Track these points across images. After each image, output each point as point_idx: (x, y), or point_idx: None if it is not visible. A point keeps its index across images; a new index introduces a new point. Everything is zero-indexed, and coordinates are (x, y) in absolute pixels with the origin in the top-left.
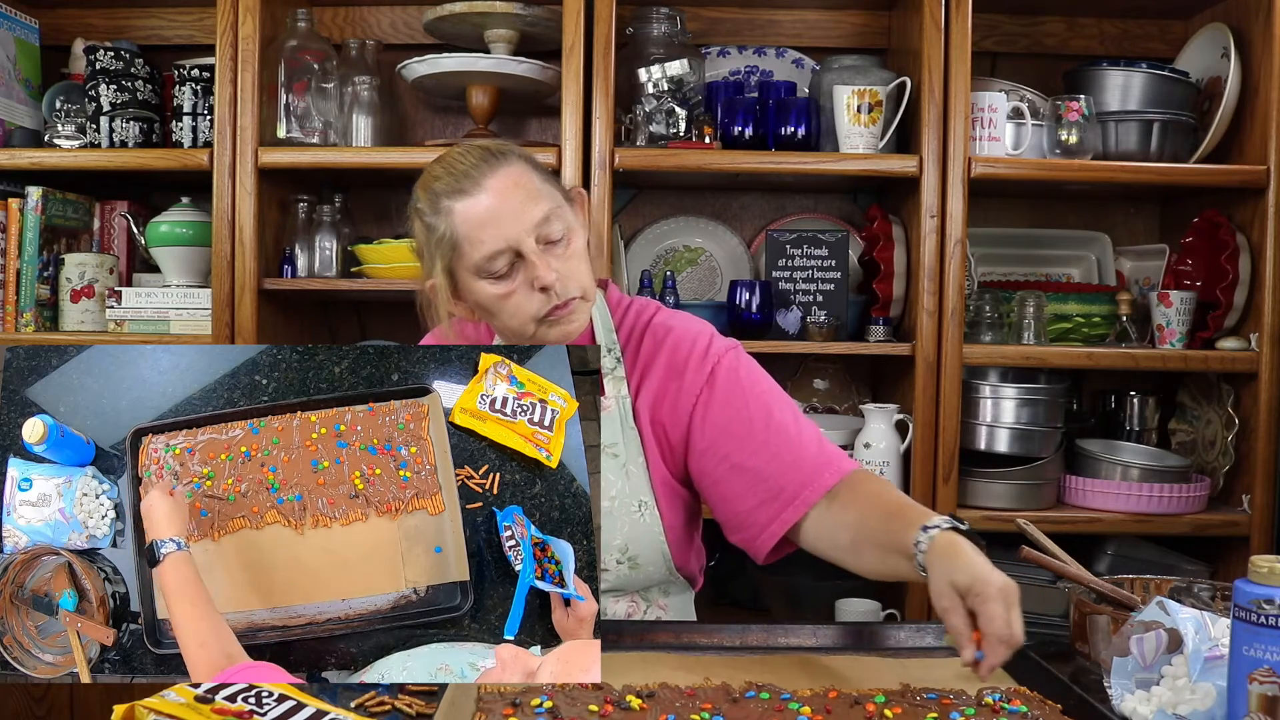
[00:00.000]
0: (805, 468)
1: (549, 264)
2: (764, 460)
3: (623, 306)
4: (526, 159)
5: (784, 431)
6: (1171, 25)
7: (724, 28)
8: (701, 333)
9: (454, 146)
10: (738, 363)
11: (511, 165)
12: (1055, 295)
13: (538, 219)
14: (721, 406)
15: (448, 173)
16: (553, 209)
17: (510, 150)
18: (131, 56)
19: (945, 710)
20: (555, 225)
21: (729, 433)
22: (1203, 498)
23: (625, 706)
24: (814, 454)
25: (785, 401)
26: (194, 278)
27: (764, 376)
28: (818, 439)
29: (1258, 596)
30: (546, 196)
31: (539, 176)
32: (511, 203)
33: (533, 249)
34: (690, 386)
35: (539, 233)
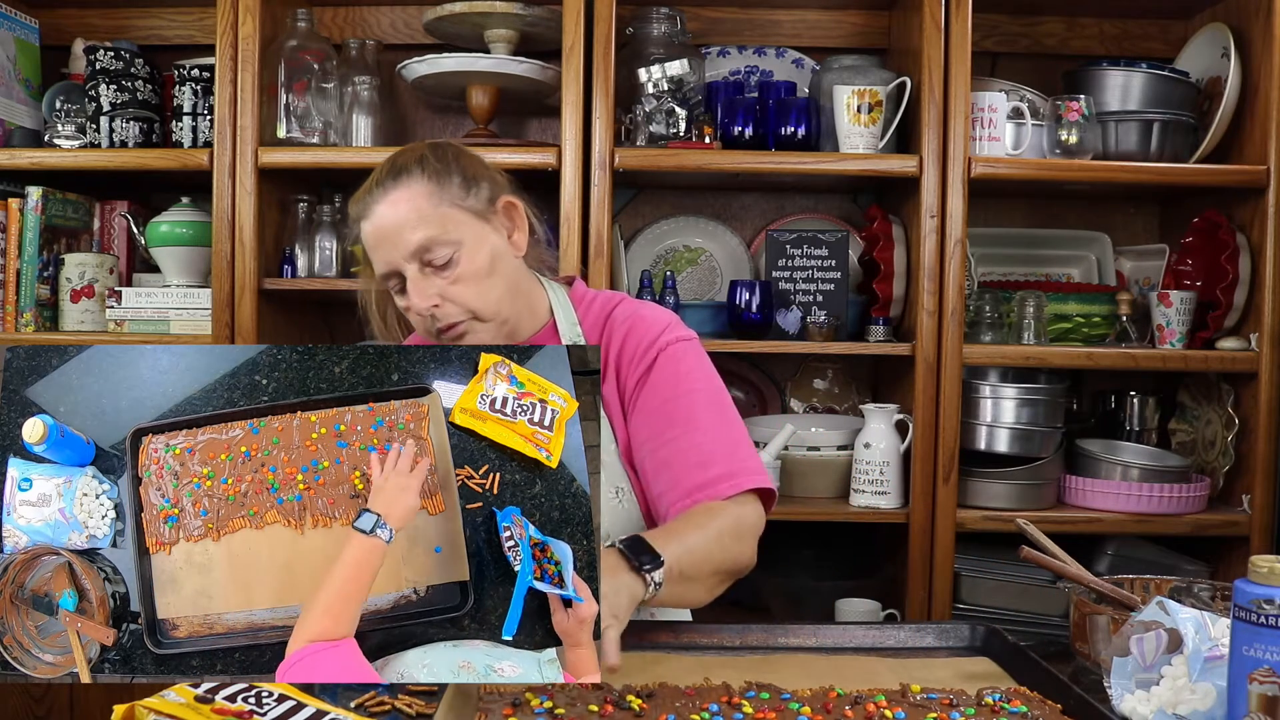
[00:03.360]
0: (710, 471)
1: (425, 289)
2: (673, 453)
3: (586, 300)
4: (432, 174)
5: (700, 431)
6: (1171, 25)
7: (724, 28)
8: (657, 321)
9: (397, 150)
10: (682, 355)
11: (404, 188)
12: (1055, 295)
13: (416, 245)
14: (651, 394)
15: (364, 189)
16: (438, 234)
17: (412, 167)
18: (131, 56)
19: (945, 710)
20: (439, 251)
21: (651, 420)
22: (1203, 498)
23: (625, 706)
24: (723, 460)
25: (716, 403)
26: (194, 278)
27: (706, 375)
28: (734, 448)
29: (1258, 596)
30: (435, 221)
31: (437, 195)
32: (393, 228)
33: (414, 274)
34: (635, 371)
35: (421, 258)
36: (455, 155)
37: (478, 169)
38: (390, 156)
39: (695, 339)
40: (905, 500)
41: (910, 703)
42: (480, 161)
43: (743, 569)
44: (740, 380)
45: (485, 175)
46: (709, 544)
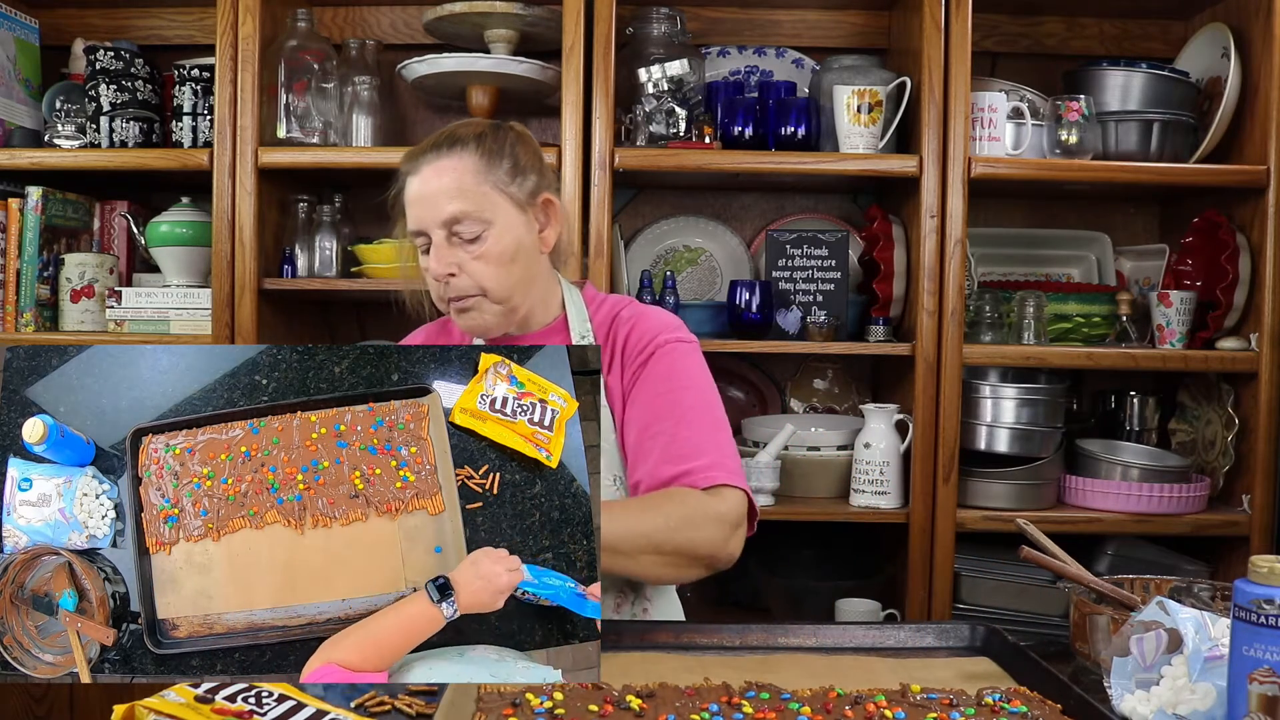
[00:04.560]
0: (685, 464)
1: (446, 257)
2: (655, 445)
3: (596, 301)
4: (485, 153)
5: (686, 426)
6: (1171, 25)
7: (724, 28)
8: (661, 320)
9: (458, 121)
10: (680, 354)
11: (456, 158)
12: (1055, 295)
13: (448, 215)
14: (644, 386)
15: (419, 148)
16: (473, 210)
17: (469, 140)
18: (131, 56)
19: (945, 710)
20: (468, 225)
21: (641, 412)
22: (1203, 498)
23: (625, 706)
24: (701, 456)
25: (706, 403)
26: (194, 278)
27: (701, 377)
28: (715, 448)
29: (1258, 596)
30: (473, 197)
31: (484, 174)
32: (433, 193)
33: (439, 240)
34: (634, 363)
35: (450, 228)
36: (514, 141)
37: (531, 160)
38: (454, 124)
39: (695, 343)
40: (905, 500)
41: (910, 703)
42: (537, 154)
43: (704, 555)
44: (740, 380)
45: (536, 168)
46: (650, 522)
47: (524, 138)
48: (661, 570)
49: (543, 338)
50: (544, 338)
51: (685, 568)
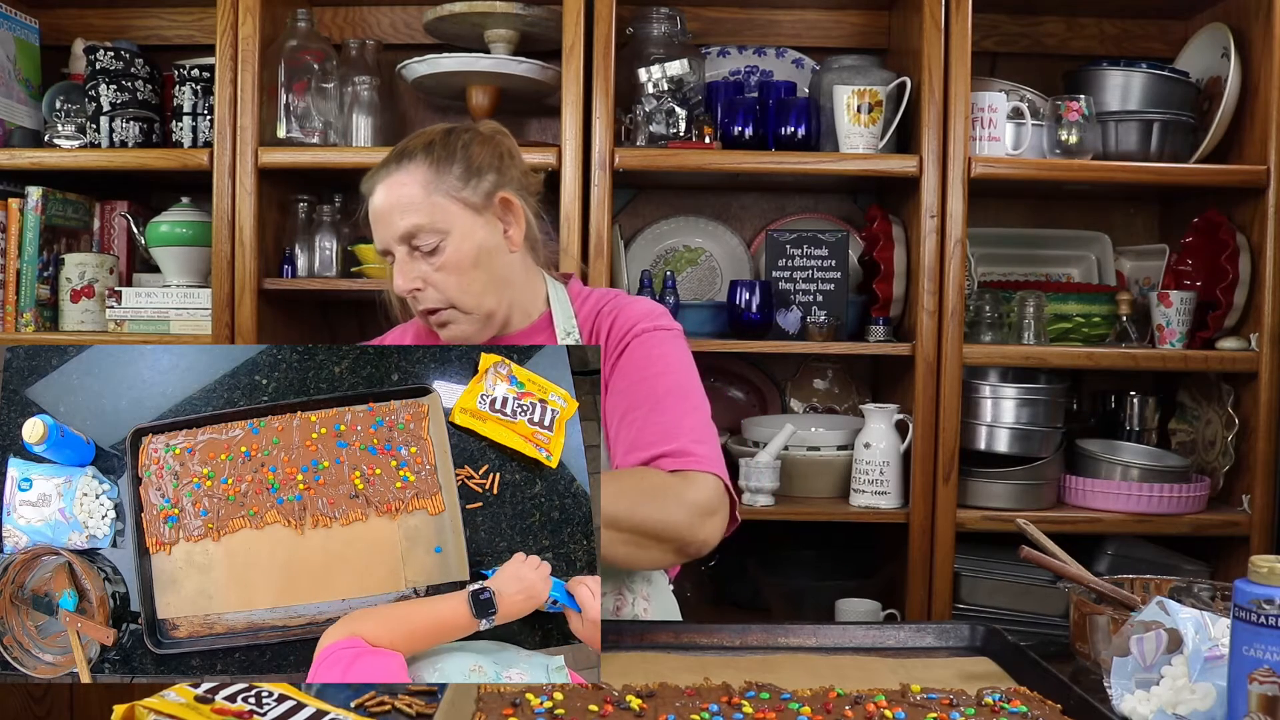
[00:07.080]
0: (656, 449)
1: (409, 272)
2: (630, 432)
3: (582, 296)
4: (433, 162)
5: (661, 412)
6: (1171, 25)
7: (724, 28)
8: (641, 309)
9: (418, 131)
10: (657, 341)
11: (405, 172)
12: (1055, 295)
13: (403, 230)
14: (621, 375)
15: (376, 167)
16: (426, 223)
17: (416, 152)
18: (131, 56)
19: (945, 710)
20: (425, 238)
21: (618, 400)
22: (1203, 498)
23: (625, 706)
24: (673, 441)
25: (683, 388)
26: (194, 278)
27: (680, 363)
28: (691, 436)
29: (1258, 596)
30: (425, 209)
31: (433, 184)
32: (388, 209)
33: (402, 256)
34: (612, 354)
35: (409, 242)
36: (467, 143)
37: (488, 159)
38: (409, 137)
39: (678, 330)
40: (905, 500)
41: (910, 703)
42: (499, 152)
43: (667, 536)
44: (740, 380)
45: (494, 166)
46: (605, 495)
47: (481, 137)
48: (619, 549)
49: (526, 336)
50: (527, 336)
51: (646, 548)
